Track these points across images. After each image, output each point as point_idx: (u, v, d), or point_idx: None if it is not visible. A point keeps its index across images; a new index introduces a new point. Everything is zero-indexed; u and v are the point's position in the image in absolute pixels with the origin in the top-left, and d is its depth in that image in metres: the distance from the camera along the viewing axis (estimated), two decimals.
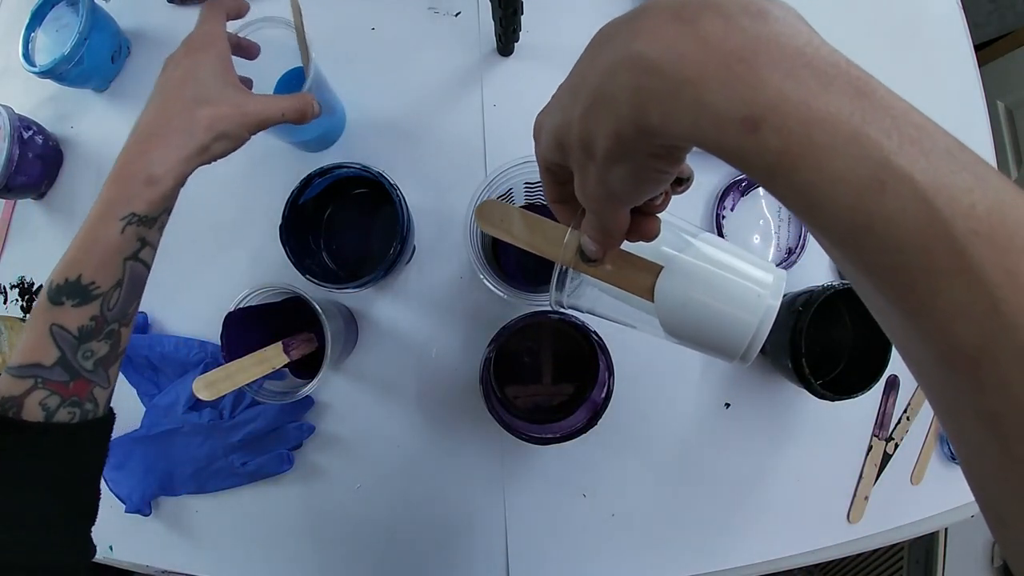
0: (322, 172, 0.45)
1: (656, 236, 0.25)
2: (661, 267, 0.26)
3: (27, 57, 0.53)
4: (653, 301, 0.26)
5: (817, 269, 0.55)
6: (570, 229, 0.26)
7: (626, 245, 0.26)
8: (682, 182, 0.24)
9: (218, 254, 0.54)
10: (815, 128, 0.15)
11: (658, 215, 0.25)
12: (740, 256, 0.26)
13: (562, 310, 0.32)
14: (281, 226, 0.44)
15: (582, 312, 0.32)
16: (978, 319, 0.15)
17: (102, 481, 0.36)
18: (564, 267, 0.27)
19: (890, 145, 0.15)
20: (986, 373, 0.15)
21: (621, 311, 0.29)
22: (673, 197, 0.26)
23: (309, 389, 0.43)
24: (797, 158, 0.16)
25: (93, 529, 0.35)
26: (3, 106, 0.53)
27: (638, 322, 0.29)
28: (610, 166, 0.20)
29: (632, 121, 0.18)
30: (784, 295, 0.53)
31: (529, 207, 0.50)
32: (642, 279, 0.26)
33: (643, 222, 0.24)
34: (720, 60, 0.16)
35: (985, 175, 0.16)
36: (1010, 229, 0.15)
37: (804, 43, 0.16)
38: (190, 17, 0.57)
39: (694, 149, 0.20)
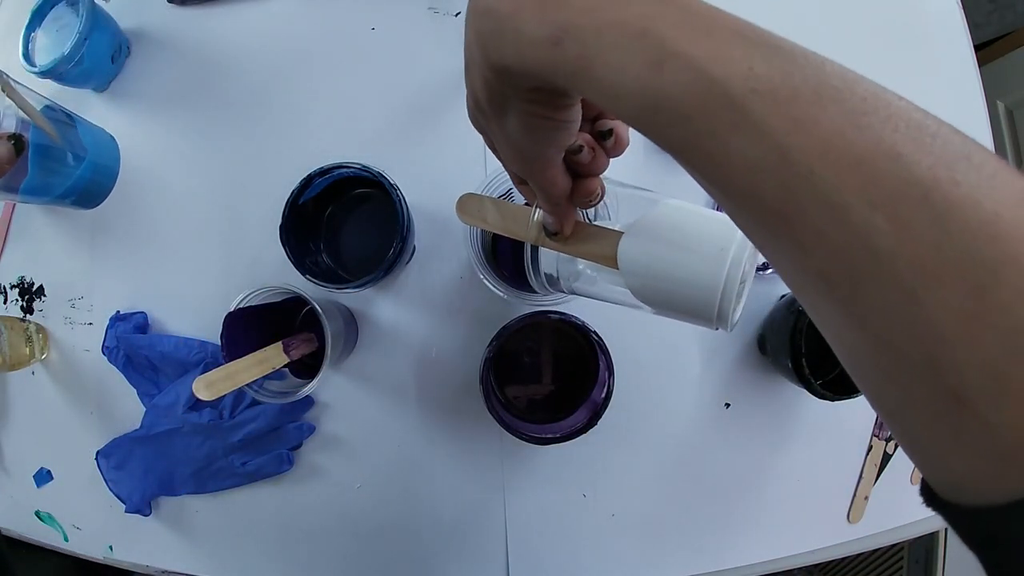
0: (322, 172, 0.45)
1: (596, 196, 0.25)
2: (621, 233, 0.26)
3: (27, 57, 0.53)
4: (618, 268, 0.26)
5: None
6: (533, 208, 0.28)
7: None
8: (605, 136, 0.25)
9: (218, 254, 0.54)
10: (607, 32, 0.17)
11: (600, 177, 0.26)
12: (701, 215, 0.25)
13: (563, 298, 0.32)
14: (281, 226, 0.44)
15: (584, 297, 0.32)
16: (773, 171, 0.15)
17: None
18: (533, 246, 0.29)
19: (672, 33, 0.16)
20: (798, 228, 0.15)
21: (598, 287, 0.30)
22: (675, 196, 0.26)
23: (309, 389, 0.43)
24: (594, 59, 0.17)
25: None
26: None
27: (616, 295, 0.29)
28: (500, 121, 0.22)
29: (485, 64, 0.21)
30: (784, 295, 0.53)
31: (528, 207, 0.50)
32: (604, 247, 0.26)
33: (582, 184, 0.25)
34: None
35: (777, 48, 0.16)
36: (795, 84, 0.15)
37: None
38: (190, 17, 0.58)
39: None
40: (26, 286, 0.57)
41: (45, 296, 0.57)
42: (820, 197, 0.15)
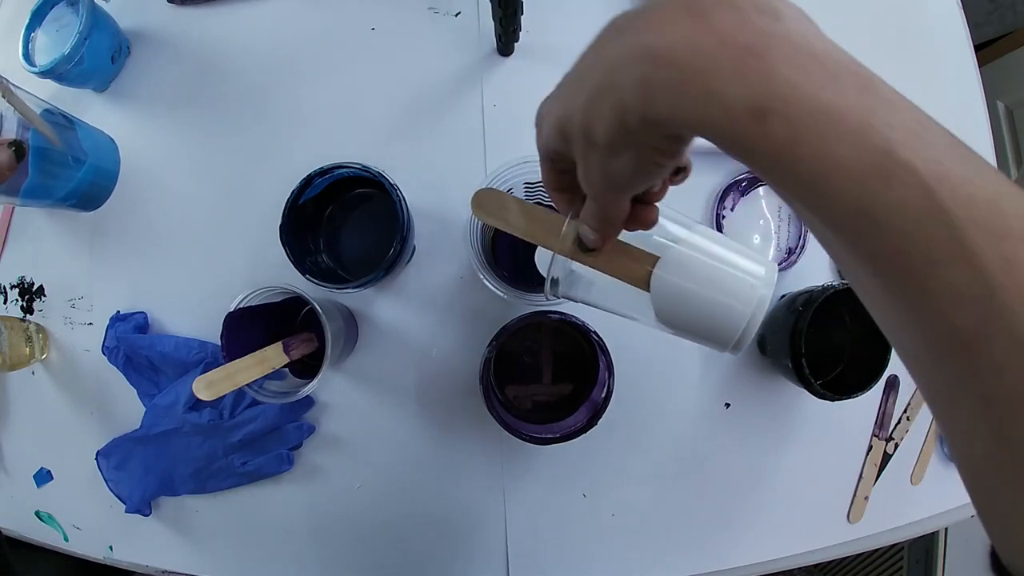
0: (322, 172, 0.45)
1: (655, 224, 0.25)
2: (657, 258, 0.26)
3: (27, 57, 0.53)
4: (648, 291, 0.26)
5: (817, 269, 0.55)
6: (568, 218, 0.26)
7: (624, 235, 0.26)
8: (680, 171, 0.25)
9: (218, 254, 0.54)
10: (822, 119, 0.16)
11: (656, 204, 0.25)
12: (734, 248, 0.26)
13: (556, 300, 0.32)
14: (281, 226, 0.44)
15: (575, 302, 0.32)
16: (974, 304, 0.15)
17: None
18: (555, 257, 0.27)
19: (894, 136, 0.16)
20: (981, 358, 0.16)
21: (614, 300, 0.29)
22: (676, 196, 0.26)
23: (309, 389, 0.43)
24: (804, 147, 0.16)
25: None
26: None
27: (631, 311, 0.29)
28: (613, 155, 0.20)
29: (637, 111, 0.18)
30: (784, 295, 0.53)
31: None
32: (638, 269, 0.26)
33: (642, 211, 0.25)
34: (732, 53, 0.16)
35: (983, 168, 0.16)
36: (1007, 219, 0.15)
37: (813, 40, 0.17)
38: (190, 17, 0.58)
39: (694, 150, 0.20)
40: (26, 286, 0.57)
41: (45, 296, 0.57)
42: (1012, 335, 0.15)
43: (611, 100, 0.18)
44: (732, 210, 0.54)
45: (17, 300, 0.57)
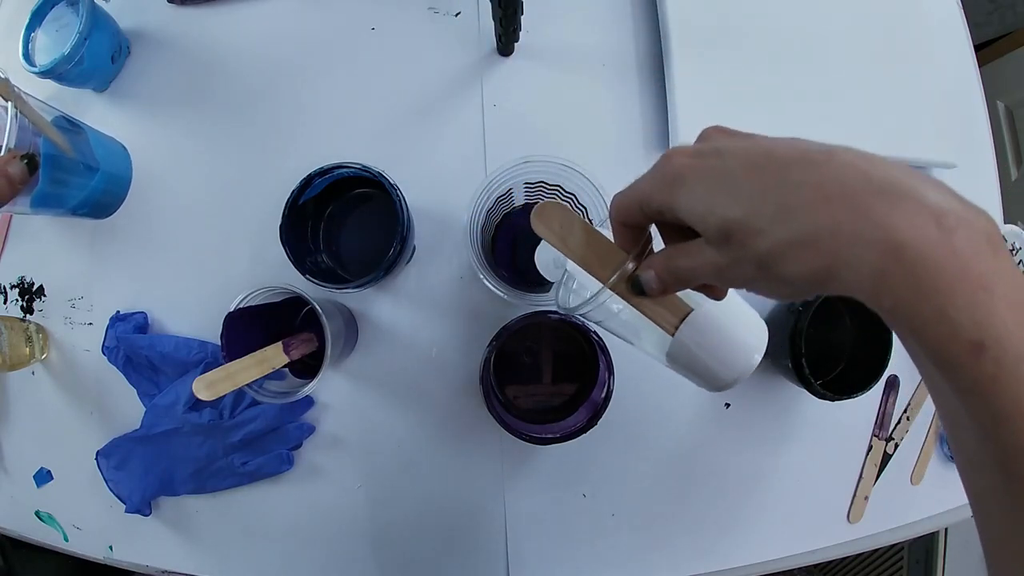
0: (322, 172, 0.45)
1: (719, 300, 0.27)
2: (691, 310, 0.27)
3: (27, 57, 0.53)
4: (673, 337, 0.28)
5: None
6: (628, 257, 0.26)
7: None
8: None
9: (218, 254, 0.54)
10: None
11: None
12: (746, 315, 0.29)
13: (549, 297, 0.33)
14: (281, 226, 0.44)
15: (590, 322, 0.33)
16: None
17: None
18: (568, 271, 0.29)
19: None
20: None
21: (627, 330, 0.30)
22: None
23: (309, 389, 0.43)
24: (1003, 386, 0.18)
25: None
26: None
27: (640, 342, 0.30)
28: (767, 281, 0.21)
29: (857, 291, 0.19)
30: None
31: (526, 207, 0.50)
32: (671, 317, 0.27)
33: (712, 290, 0.26)
34: (971, 282, 0.17)
35: None
36: None
37: (1021, 279, 0.18)
38: (190, 17, 0.58)
39: None
40: (26, 286, 0.57)
41: (45, 296, 0.57)
42: None
43: (826, 263, 0.19)
44: None
45: (17, 300, 0.57)
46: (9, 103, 0.34)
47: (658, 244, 0.27)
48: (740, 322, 0.28)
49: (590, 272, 0.27)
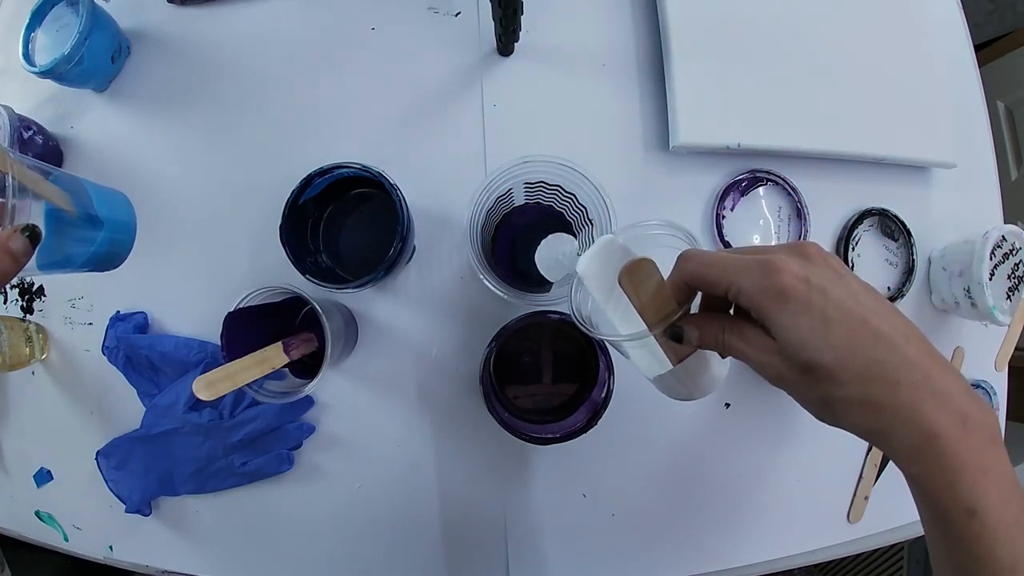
0: (322, 172, 0.45)
1: None
2: (696, 350, 0.31)
3: (27, 57, 0.53)
4: (673, 366, 0.31)
5: None
6: (679, 312, 0.29)
7: None
8: None
9: (218, 255, 0.54)
10: (1002, 530, 0.23)
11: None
12: (720, 364, 0.32)
13: (563, 299, 0.36)
14: (281, 226, 0.44)
15: (567, 296, 0.36)
16: None
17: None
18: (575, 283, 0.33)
19: None
20: None
21: (629, 350, 0.33)
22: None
23: (309, 389, 0.43)
24: (984, 541, 0.23)
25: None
26: (3, 106, 0.53)
27: (633, 359, 0.33)
28: (820, 409, 0.26)
29: (895, 455, 0.25)
30: None
31: (526, 207, 0.50)
32: (680, 352, 0.31)
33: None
34: (975, 468, 0.24)
35: None
36: None
37: (1009, 467, 0.25)
38: (190, 17, 0.58)
39: (696, 148, 0.21)
40: (26, 286, 0.57)
41: (45, 296, 0.57)
42: None
43: (881, 428, 0.25)
44: (732, 210, 0.54)
45: (17, 300, 0.57)
46: (8, 173, 0.34)
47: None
48: (716, 359, 0.32)
49: (642, 316, 0.29)
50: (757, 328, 0.28)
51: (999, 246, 0.53)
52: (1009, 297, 0.53)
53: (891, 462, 0.55)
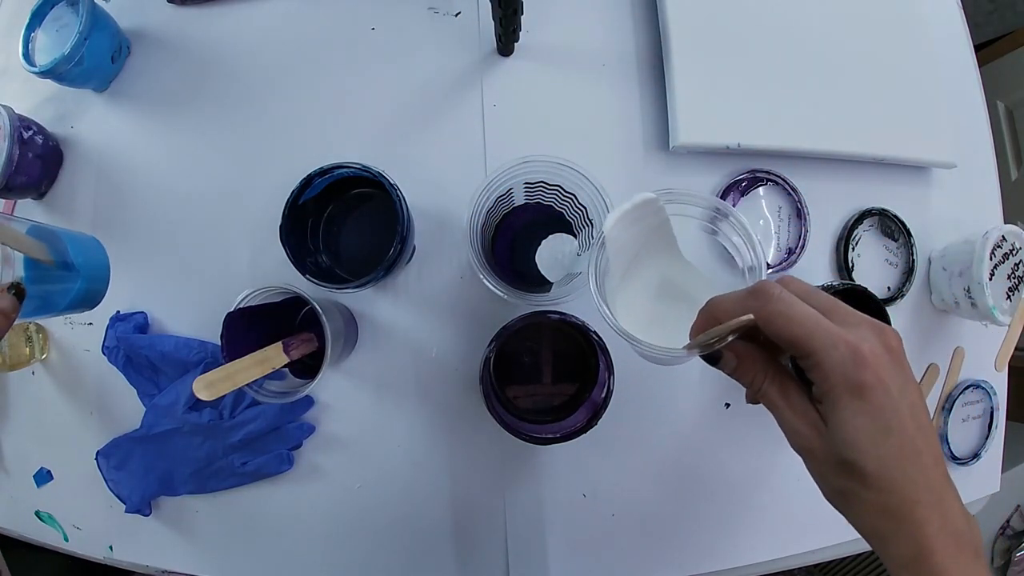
0: (322, 172, 0.45)
1: None
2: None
3: (27, 57, 0.53)
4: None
5: (817, 269, 0.55)
6: (726, 342, 0.29)
7: None
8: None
9: (218, 254, 0.54)
10: None
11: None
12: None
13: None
14: (281, 226, 0.44)
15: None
16: None
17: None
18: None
19: None
20: None
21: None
22: (675, 191, 0.30)
23: (309, 389, 0.43)
24: None
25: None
26: (3, 106, 0.53)
27: (640, 345, 0.33)
28: (835, 497, 0.28)
29: (891, 559, 0.26)
30: None
31: (526, 207, 0.50)
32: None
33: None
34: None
35: None
36: None
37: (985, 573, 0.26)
38: (190, 17, 0.58)
39: (696, 148, 0.21)
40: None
41: None
42: None
43: (887, 534, 0.26)
44: None
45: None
46: None
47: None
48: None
49: (694, 336, 0.29)
50: (802, 391, 0.28)
51: (999, 246, 0.53)
52: (1009, 297, 0.53)
53: None
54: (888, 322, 0.47)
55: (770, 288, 0.27)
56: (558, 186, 0.44)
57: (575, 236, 0.49)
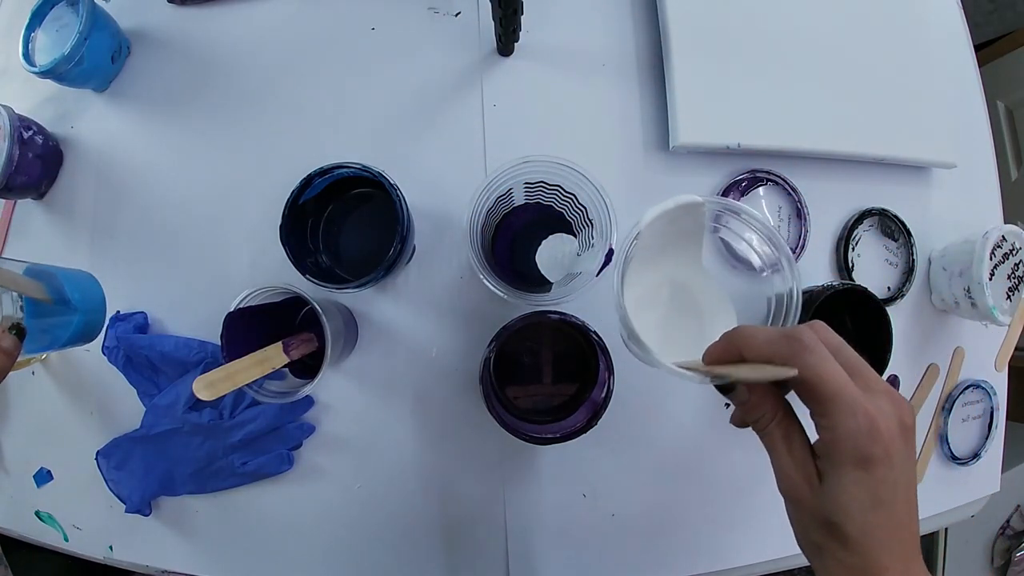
0: (322, 172, 0.45)
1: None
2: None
3: (27, 57, 0.53)
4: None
5: (817, 269, 0.55)
6: (738, 391, 0.30)
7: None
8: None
9: (218, 254, 0.54)
10: None
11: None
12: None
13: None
14: (281, 226, 0.44)
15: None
16: None
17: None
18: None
19: None
20: None
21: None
22: (674, 195, 0.29)
23: (309, 389, 0.43)
24: None
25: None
26: (3, 106, 0.53)
27: (640, 349, 0.32)
28: (805, 547, 0.29)
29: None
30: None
31: (526, 207, 0.50)
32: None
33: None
34: None
35: None
36: None
37: None
38: (190, 17, 0.58)
39: (696, 148, 0.21)
40: None
41: None
42: None
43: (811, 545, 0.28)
44: None
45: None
46: None
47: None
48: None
49: (717, 356, 0.29)
50: (805, 442, 0.28)
51: (999, 246, 0.53)
52: (1009, 297, 0.53)
53: None
54: (888, 322, 0.47)
55: (806, 337, 0.27)
56: (558, 186, 0.44)
57: (575, 236, 0.49)
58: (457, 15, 0.55)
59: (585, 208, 0.44)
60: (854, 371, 0.27)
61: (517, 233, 0.51)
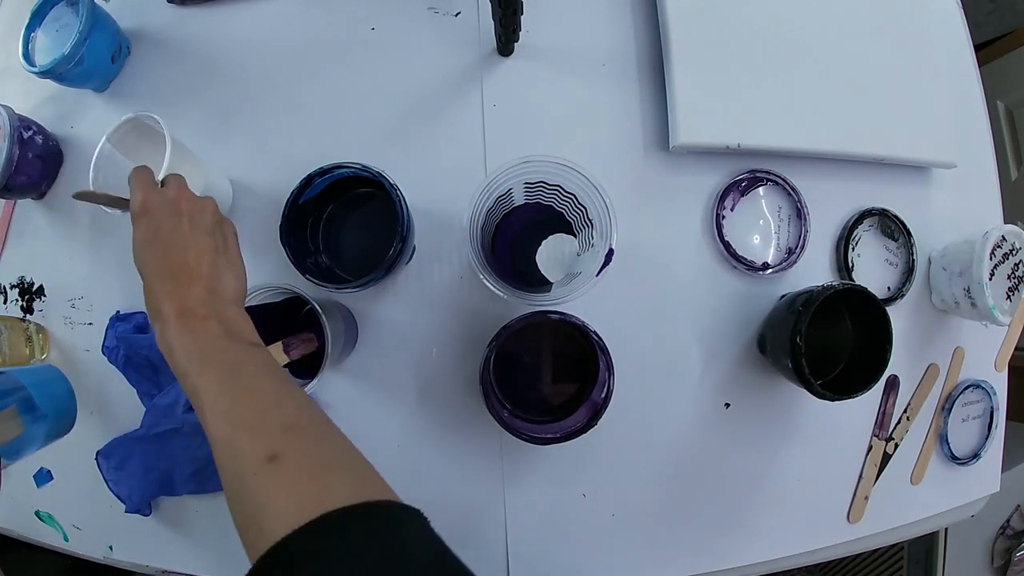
0: (322, 172, 0.45)
1: None
2: None
3: (27, 57, 0.53)
4: None
5: (817, 269, 0.55)
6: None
7: None
8: None
9: None
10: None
11: None
12: None
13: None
14: (281, 226, 0.44)
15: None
16: None
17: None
18: None
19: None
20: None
21: None
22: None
23: (309, 389, 0.43)
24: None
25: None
26: (3, 106, 0.53)
27: None
28: None
29: None
30: (784, 295, 0.53)
31: (526, 207, 0.50)
32: None
33: None
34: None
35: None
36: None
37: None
38: (190, 17, 0.58)
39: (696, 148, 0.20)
40: (26, 286, 0.57)
41: (45, 296, 0.57)
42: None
43: None
44: (732, 210, 0.54)
45: (17, 300, 0.57)
46: None
47: None
48: None
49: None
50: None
51: (999, 246, 0.53)
52: (1009, 297, 0.53)
53: (890, 463, 0.55)
54: (888, 322, 0.47)
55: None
56: (558, 186, 0.44)
57: (575, 236, 0.49)
58: (457, 15, 0.55)
59: (585, 208, 0.44)
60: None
61: (517, 233, 0.51)
